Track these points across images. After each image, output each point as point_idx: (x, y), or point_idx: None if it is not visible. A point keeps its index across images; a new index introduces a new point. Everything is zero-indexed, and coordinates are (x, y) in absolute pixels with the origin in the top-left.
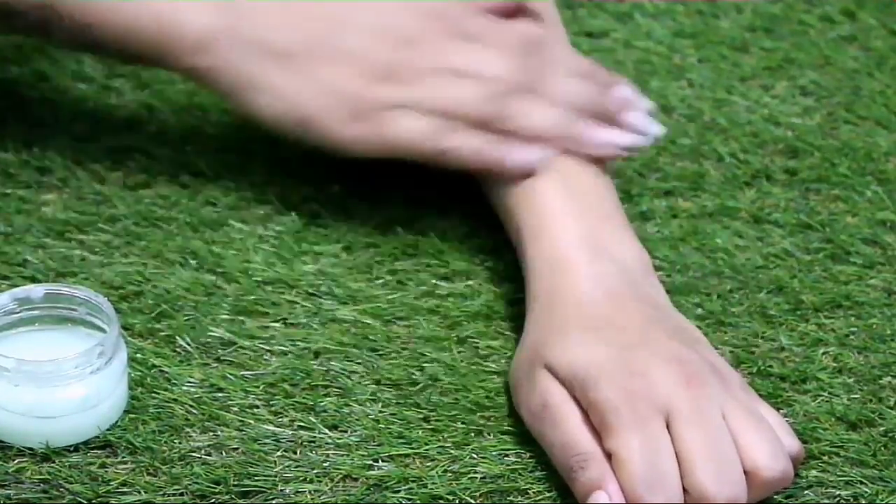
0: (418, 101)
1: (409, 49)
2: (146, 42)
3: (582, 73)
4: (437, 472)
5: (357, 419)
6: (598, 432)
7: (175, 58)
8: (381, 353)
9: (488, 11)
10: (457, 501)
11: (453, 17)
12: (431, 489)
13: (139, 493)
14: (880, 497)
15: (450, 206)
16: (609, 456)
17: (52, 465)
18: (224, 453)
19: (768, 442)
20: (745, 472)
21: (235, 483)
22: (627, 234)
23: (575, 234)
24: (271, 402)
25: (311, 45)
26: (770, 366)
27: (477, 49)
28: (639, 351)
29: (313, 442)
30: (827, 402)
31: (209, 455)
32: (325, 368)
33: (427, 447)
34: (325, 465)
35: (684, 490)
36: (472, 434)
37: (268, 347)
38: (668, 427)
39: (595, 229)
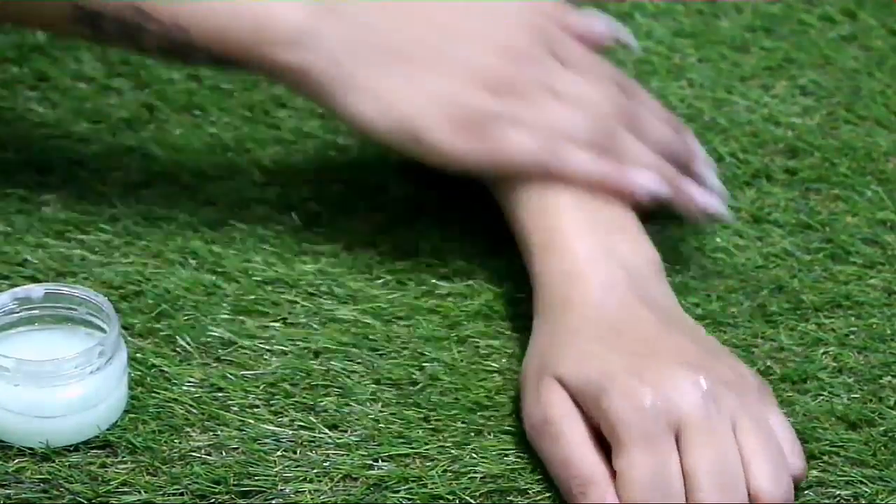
0: (529, 118)
1: (519, 65)
2: (239, 38)
3: (668, 121)
4: (437, 472)
5: (357, 419)
6: (601, 449)
7: (268, 53)
8: (381, 352)
9: (584, 42)
10: (457, 501)
11: (558, 40)
12: (431, 489)
13: (139, 492)
14: (880, 497)
15: (450, 206)
16: (614, 469)
17: (52, 464)
18: (224, 453)
19: (773, 465)
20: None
21: (235, 483)
22: (641, 239)
23: (587, 246)
24: (271, 402)
25: (417, 49)
26: (770, 366)
27: (581, 77)
28: (651, 360)
29: (313, 442)
30: (827, 402)
31: (209, 455)
32: (325, 368)
33: (427, 447)
34: (325, 464)
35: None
36: (472, 434)
37: (268, 347)
38: (677, 439)
39: (607, 240)
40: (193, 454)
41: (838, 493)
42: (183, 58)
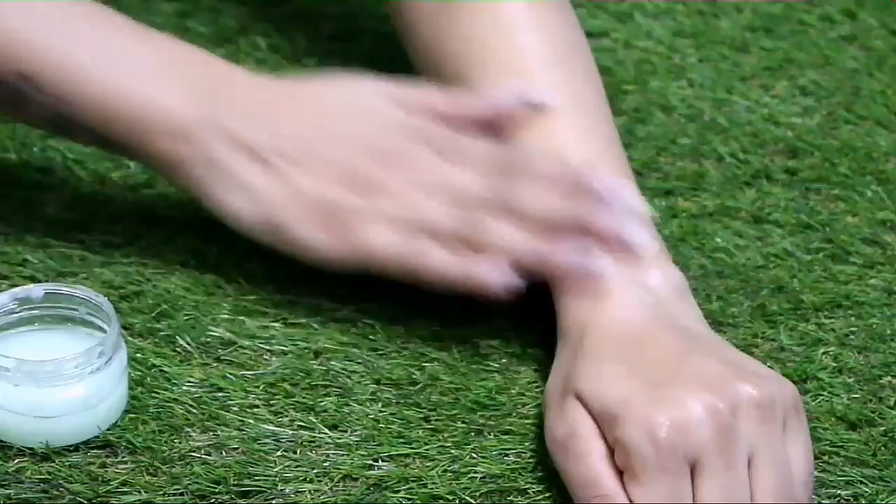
0: (389, 214)
1: (385, 164)
2: (124, 121)
3: (560, 183)
4: (437, 472)
5: (357, 419)
6: (615, 469)
7: (150, 142)
8: (381, 352)
9: (466, 123)
10: (457, 501)
11: (434, 134)
12: (431, 489)
13: (139, 493)
14: (880, 497)
15: None
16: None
17: (52, 464)
18: (224, 453)
19: None
20: None
21: (235, 483)
22: (663, 259)
23: (613, 265)
24: (271, 402)
25: (290, 147)
26: (770, 366)
27: (450, 166)
28: (670, 386)
29: (313, 442)
30: (827, 401)
31: (209, 455)
32: (325, 368)
33: (427, 447)
34: (325, 465)
35: None
36: (472, 434)
37: (268, 347)
38: (692, 466)
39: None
40: (193, 454)
41: (838, 493)
42: (71, 135)
